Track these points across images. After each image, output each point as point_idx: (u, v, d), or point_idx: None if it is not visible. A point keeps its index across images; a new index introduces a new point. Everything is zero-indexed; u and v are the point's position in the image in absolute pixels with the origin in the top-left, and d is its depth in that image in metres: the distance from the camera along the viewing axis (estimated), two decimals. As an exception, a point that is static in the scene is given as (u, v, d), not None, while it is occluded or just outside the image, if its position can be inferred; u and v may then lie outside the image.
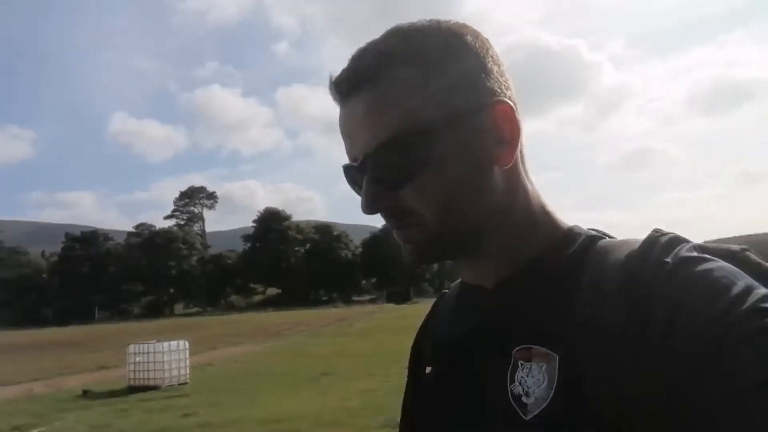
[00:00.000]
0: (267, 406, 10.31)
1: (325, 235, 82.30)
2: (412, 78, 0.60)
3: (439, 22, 0.64)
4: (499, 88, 0.63)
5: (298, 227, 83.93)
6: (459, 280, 0.75)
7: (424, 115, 0.59)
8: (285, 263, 78.33)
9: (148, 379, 13.54)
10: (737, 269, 0.53)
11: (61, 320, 64.82)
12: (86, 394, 13.12)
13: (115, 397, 12.73)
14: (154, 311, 76.23)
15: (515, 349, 0.59)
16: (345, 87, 0.63)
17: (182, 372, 14.19)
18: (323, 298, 78.10)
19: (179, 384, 13.83)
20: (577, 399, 0.53)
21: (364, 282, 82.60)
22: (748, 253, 0.58)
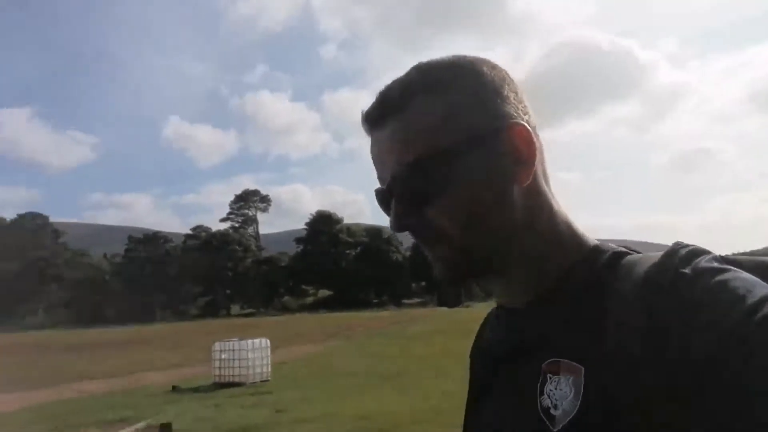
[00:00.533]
0: (354, 403, 10.77)
1: (376, 238, 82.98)
2: (432, 105, 0.65)
3: (459, 57, 0.69)
4: (516, 113, 0.67)
5: (350, 230, 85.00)
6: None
7: (445, 138, 0.64)
8: (336, 265, 79.37)
9: (233, 375, 14.23)
10: (756, 279, 0.54)
11: (123, 320, 67.52)
12: (175, 389, 13.94)
13: (202, 393, 13.47)
14: (211, 311, 78.59)
15: (544, 363, 0.62)
16: (372, 119, 0.68)
17: (264, 369, 14.80)
18: (374, 301, 78.72)
19: (261, 381, 14.45)
20: (603, 410, 0.55)
21: (413, 285, 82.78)
22: None
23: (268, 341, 15.12)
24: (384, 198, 0.70)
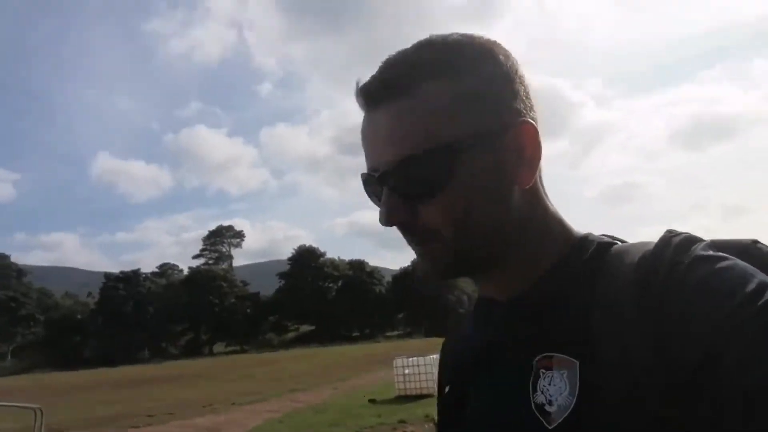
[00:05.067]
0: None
1: (358, 271, 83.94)
2: (440, 93, 0.60)
3: (472, 38, 0.64)
4: (525, 109, 0.63)
5: (334, 264, 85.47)
6: (475, 299, 0.77)
7: (451, 131, 0.60)
8: (320, 300, 79.58)
9: (419, 388, 15.40)
10: (752, 267, 0.53)
11: (103, 361, 65.35)
12: (372, 401, 15.03)
13: (399, 404, 14.60)
14: (193, 350, 76.92)
15: (536, 359, 0.59)
16: (372, 94, 0.63)
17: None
18: (354, 335, 79.18)
19: (441, 393, 15.69)
20: (599, 405, 0.53)
21: (398, 317, 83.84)
22: (759, 245, 0.59)
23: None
24: (373, 187, 0.65)
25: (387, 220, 0.62)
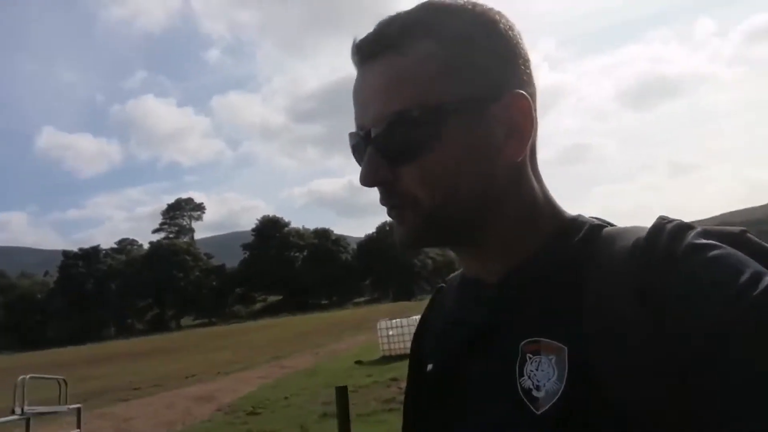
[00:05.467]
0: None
1: (324, 239, 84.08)
2: (434, 54, 0.59)
3: (475, 4, 0.62)
4: (521, 83, 0.61)
5: (299, 233, 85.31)
6: (457, 273, 0.76)
7: (440, 94, 0.58)
8: (286, 270, 79.56)
9: (402, 349, 15.83)
10: (745, 256, 0.53)
11: (67, 340, 64.26)
12: (359, 363, 15.37)
13: (383, 364, 14.97)
14: (158, 325, 76.27)
15: (523, 343, 0.58)
16: (365, 51, 0.61)
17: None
18: (322, 302, 79.76)
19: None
20: (589, 391, 0.52)
21: (365, 283, 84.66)
22: (748, 235, 0.59)
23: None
24: (357, 146, 0.64)
25: (366, 179, 0.61)
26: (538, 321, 0.58)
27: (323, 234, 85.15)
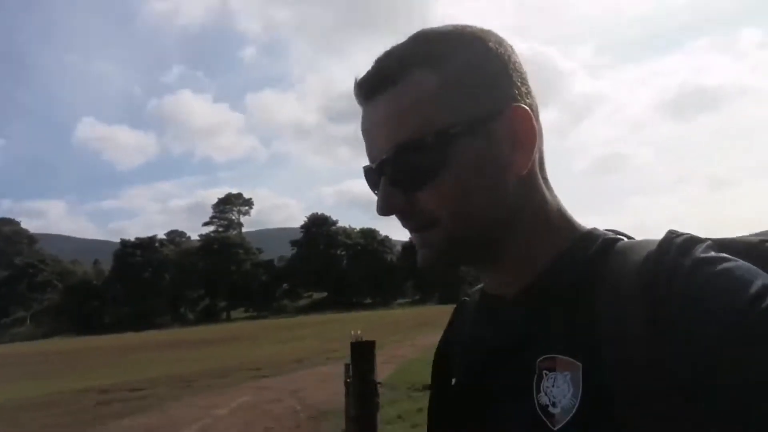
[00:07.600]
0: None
1: (370, 239, 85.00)
2: (431, 81, 0.61)
3: (464, 27, 0.65)
4: (519, 95, 0.63)
5: (345, 232, 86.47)
6: (479, 287, 0.76)
7: (442, 118, 0.60)
8: (332, 267, 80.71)
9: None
10: (755, 268, 0.52)
11: (121, 327, 66.49)
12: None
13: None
14: (209, 317, 78.30)
15: (539, 359, 0.59)
16: (366, 88, 0.64)
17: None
18: (366, 301, 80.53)
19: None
20: (603, 407, 0.53)
21: (406, 284, 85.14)
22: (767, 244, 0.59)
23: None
24: (372, 177, 0.66)
25: (383, 209, 0.63)
26: (554, 338, 0.59)
27: (370, 234, 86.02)
